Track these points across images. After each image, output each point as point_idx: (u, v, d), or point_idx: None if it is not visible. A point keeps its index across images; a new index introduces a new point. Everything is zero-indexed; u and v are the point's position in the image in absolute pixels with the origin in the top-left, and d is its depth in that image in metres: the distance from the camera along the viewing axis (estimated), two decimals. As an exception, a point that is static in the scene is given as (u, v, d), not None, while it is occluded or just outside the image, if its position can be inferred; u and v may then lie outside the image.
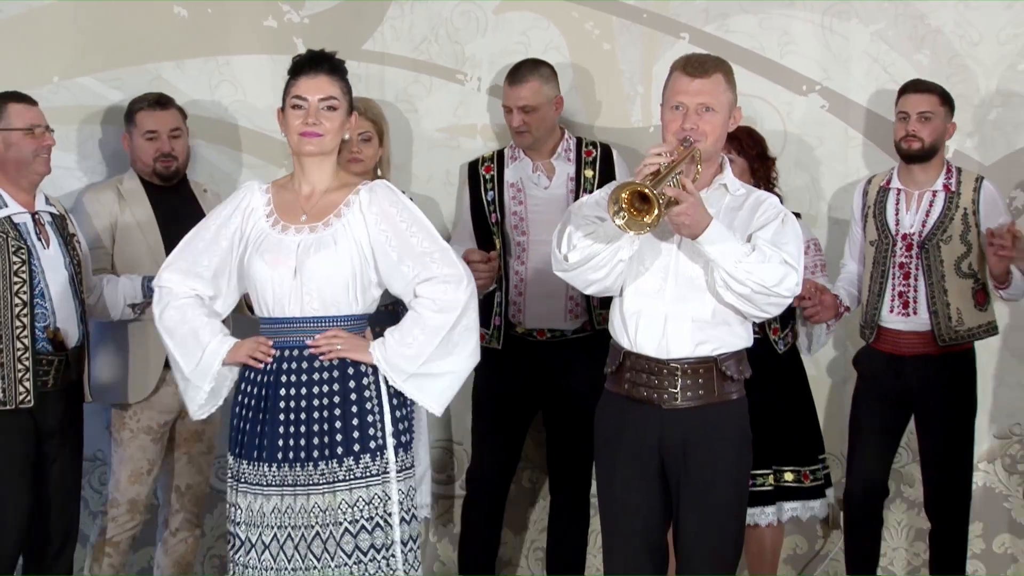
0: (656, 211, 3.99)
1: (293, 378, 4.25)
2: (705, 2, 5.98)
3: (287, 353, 4.24)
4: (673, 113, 4.29)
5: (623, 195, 4.00)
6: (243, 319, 5.04)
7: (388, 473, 4.22)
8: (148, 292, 5.21)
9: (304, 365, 4.24)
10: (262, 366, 4.26)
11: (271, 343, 4.28)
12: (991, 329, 5.51)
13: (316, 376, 4.26)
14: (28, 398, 4.85)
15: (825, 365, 6.02)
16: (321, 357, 4.24)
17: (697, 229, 4.17)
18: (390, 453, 4.24)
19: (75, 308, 5.05)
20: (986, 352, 5.65)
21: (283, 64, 4.66)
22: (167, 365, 5.08)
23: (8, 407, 4.83)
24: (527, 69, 5.63)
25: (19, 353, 4.90)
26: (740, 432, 4.40)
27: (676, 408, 4.30)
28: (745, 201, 4.40)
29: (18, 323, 4.92)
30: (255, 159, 5.85)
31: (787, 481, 5.57)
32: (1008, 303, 5.60)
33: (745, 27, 5.97)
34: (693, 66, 4.35)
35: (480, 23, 5.99)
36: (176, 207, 5.39)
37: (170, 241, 5.08)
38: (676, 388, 4.33)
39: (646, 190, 3.99)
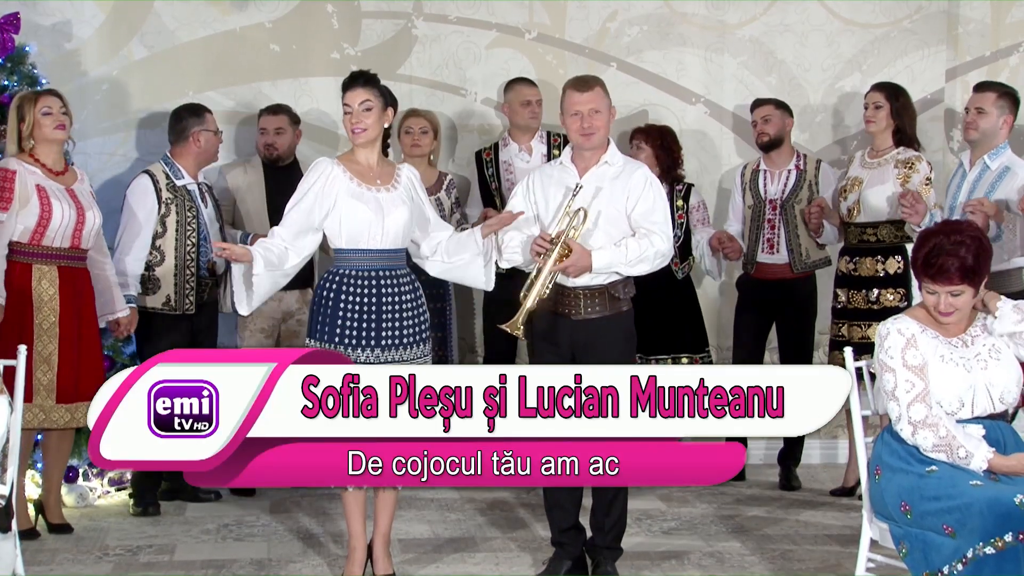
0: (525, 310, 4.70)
1: (391, 288, 4.81)
2: (627, 42, 6.88)
3: (386, 271, 4.80)
4: (572, 118, 4.80)
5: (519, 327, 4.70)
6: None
7: (428, 356, 4.89)
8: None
9: (399, 279, 4.84)
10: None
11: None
12: (827, 261, 6.38)
13: (403, 288, 4.84)
14: (191, 307, 5.95)
15: (710, 288, 6.89)
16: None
17: (586, 271, 4.72)
18: (428, 344, 4.94)
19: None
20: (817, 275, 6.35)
21: (344, 84, 5.72)
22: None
23: (178, 312, 5.93)
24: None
25: (188, 277, 5.93)
26: (626, 332, 4.92)
27: (580, 318, 4.88)
28: (622, 171, 4.83)
29: (189, 257, 5.92)
30: (324, 147, 6.66)
31: (683, 363, 6.38)
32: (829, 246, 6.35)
33: (654, 59, 6.95)
34: (579, 85, 4.84)
35: (476, 56, 6.85)
36: (283, 181, 6.07)
37: (272, 205, 6.06)
38: (579, 306, 4.87)
39: (519, 330, 4.69)
